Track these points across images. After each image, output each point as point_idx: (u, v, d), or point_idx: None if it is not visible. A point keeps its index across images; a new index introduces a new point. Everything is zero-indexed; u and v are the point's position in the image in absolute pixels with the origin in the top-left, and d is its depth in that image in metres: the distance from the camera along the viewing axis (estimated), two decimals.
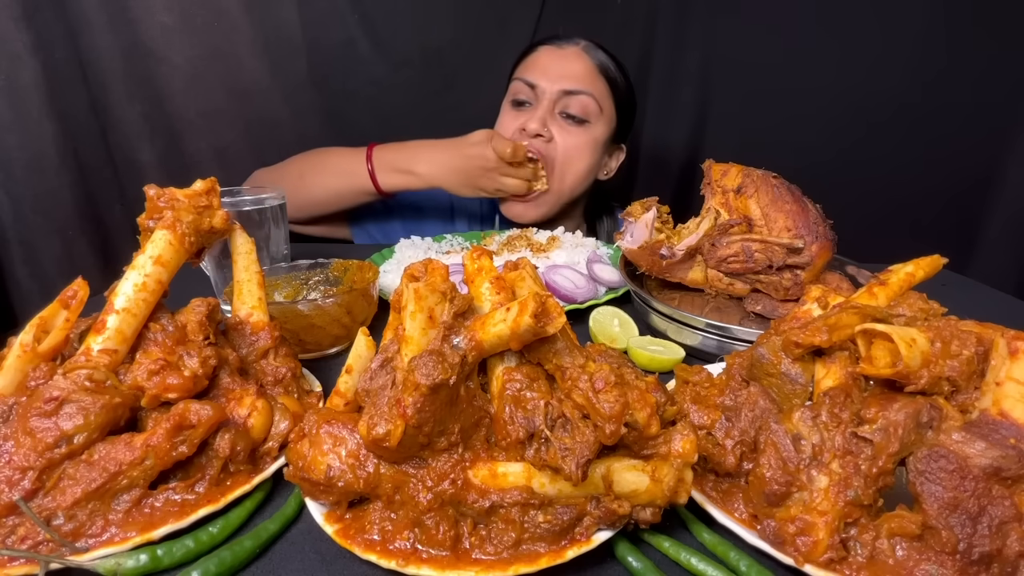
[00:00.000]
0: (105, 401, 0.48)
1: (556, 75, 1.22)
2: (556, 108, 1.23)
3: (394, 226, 1.39)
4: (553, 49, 1.26)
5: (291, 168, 1.27)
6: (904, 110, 1.62)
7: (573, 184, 1.28)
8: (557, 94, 1.21)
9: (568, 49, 1.25)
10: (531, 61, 1.27)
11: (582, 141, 1.24)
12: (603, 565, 0.47)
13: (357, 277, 0.85)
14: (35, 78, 1.22)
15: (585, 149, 1.25)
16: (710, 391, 0.56)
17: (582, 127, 1.24)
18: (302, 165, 1.27)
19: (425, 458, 0.46)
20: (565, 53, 1.24)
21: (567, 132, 1.23)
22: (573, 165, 1.25)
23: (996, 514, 0.41)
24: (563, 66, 1.23)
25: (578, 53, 1.25)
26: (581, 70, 1.23)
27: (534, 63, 1.26)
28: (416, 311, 0.47)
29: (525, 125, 1.21)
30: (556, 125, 1.23)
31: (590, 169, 1.29)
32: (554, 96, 1.21)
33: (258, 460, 0.54)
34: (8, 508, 0.45)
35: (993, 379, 0.46)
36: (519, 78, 1.26)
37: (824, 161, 1.64)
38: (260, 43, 1.43)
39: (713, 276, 0.88)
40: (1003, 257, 1.69)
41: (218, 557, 0.44)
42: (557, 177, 1.25)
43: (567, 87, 1.21)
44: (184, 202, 0.59)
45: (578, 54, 1.24)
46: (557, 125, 1.23)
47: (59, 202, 1.31)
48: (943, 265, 0.62)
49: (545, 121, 1.22)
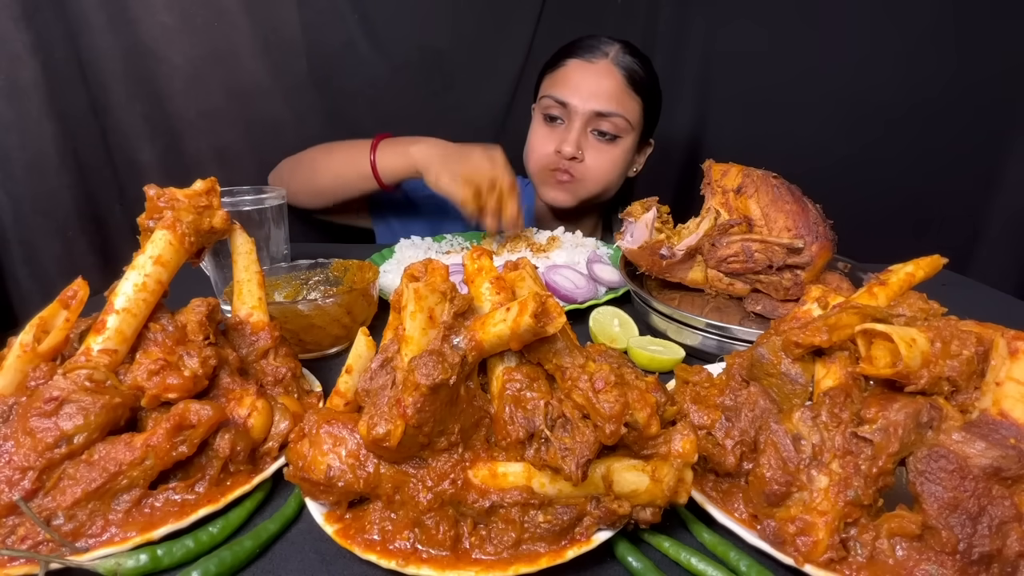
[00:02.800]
0: (105, 401, 0.48)
1: (588, 94, 1.21)
2: (588, 127, 1.24)
3: (417, 224, 1.39)
4: (583, 64, 1.23)
5: (308, 155, 1.31)
6: (904, 110, 1.62)
7: (603, 192, 1.33)
8: (589, 114, 1.22)
9: (599, 64, 1.22)
10: (561, 76, 1.25)
11: (614, 156, 1.27)
12: (603, 565, 0.47)
13: (357, 277, 0.85)
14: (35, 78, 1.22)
15: (617, 163, 1.29)
16: (710, 391, 0.56)
17: (613, 143, 1.26)
18: (316, 153, 1.29)
19: (425, 458, 0.46)
20: (596, 69, 1.22)
21: (599, 151, 1.26)
22: (604, 179, 1.29)
23: (996, 514, 0.41)
24: (595, 84, 1.22)
25: (608, 68, 1.22)
26: (612, 88, 1.22)
27: (564, 79, 1.24)
28: (416, 311, 0.47)
29: (560, 148, 1.23)
30: (588, 144, 1.26)
31: (620, 176, 1.33)
32: (586, 116, 1.22)
33: (258, 460, 0.54)
34: (8, 508, 0.45)
35: (993, 379, 0.46)
36: (549, 95, 1.24)
37: (824, 161, 1.64)
38: (260, 43, 1.43)
39: (713, 276, 0.88)
40: (1003, 257, 1.69)
41: (218, 557, 0.44)
42: (588, 189, 1.29)
43: (599, 108, 1.21)
44: (184, 202, 0.59)
45: (608, 69, 1.22)
46: (589, 144, 1.26)
47: (59, 202, 1.30)
48: (943, 265, 0.62)
49: (579, 143, 1.23)
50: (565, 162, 1.24)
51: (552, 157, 1.25)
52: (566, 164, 1.25)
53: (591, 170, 1.26)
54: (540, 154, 1.27)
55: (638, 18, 1.61)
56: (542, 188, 1.33)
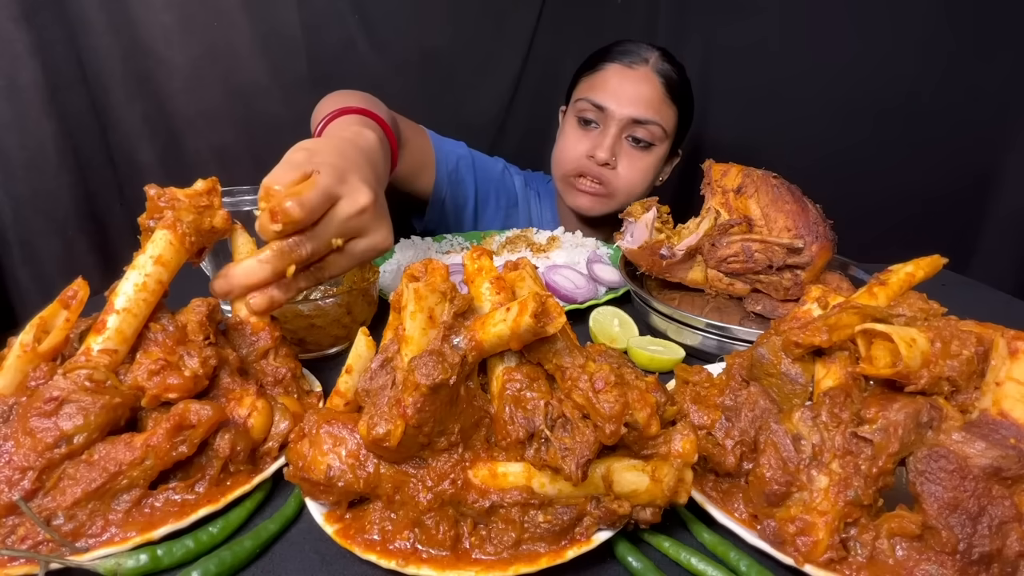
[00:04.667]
0: (105, 401, 0.48)
1: (626, 100, 1.20)
2: (624, 133, 1.23)
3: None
4: (623, 69, 1.22)
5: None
6: (905, 110, 1.62)
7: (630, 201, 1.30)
8: (626, 120, 1.21)
9: (639, 70, 1.22)
10: (599, 80, 1.24)
11: (646, 165, 1.26)
12: (603, 565, 0.47)
13: (357, 277, 0.85)
14: (35, 78, 1.22)
15: (648, 172, 1.28)
16: (710, 391, 0.56)
17: (647, 151, 1.25)
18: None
19: (425, 458, 0.46)
20: (636, 75, 1.21)
21: (632, 158, 1.25)
22: (633, 189, 1.28)
23: (996, 514, 0.41)
24: (634, 90, 1.21)
25: (648, 75, 1.21)
26: (651, 95, 1.21)
27: (603, 83, 1.23)
28: (416, 311, 0.47)
29: (594, 153, 1.22)
30: (622, 150, 1.24)
31: (649, 186, 1.32)
32: (623, 123, 1.21)
33: (258, 460, 0.54)
34: (8, 508, 0.45)
35: (993, 379, 0.46)
36: (586, 98, 1.23)
37: (824, 161, 1.64)
38: (260, 43, 1.43)
39: (713, 276, 0.88)
40: (1003, 257, 1.69)
41: (218, 557, 0.44)
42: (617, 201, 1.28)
43: (637, 116, 1.20)
44: (185, 202, 0.59)
45: (648, 76, 1.21)
46: (623, 150, 1.24)
47: (59, 202, 1.31)
48: (943, 265, 0.62)
49: (613, 149, 1.22)
50: (596, 168, 1.23)
51: (583, 160, 1.24)
52: (597, 170, 1.23)
53: (622, 179, 1.25)
54: (572, 155, 1.25)
55: (638, 18, 1.61)
56: (568, 193, 1.31)
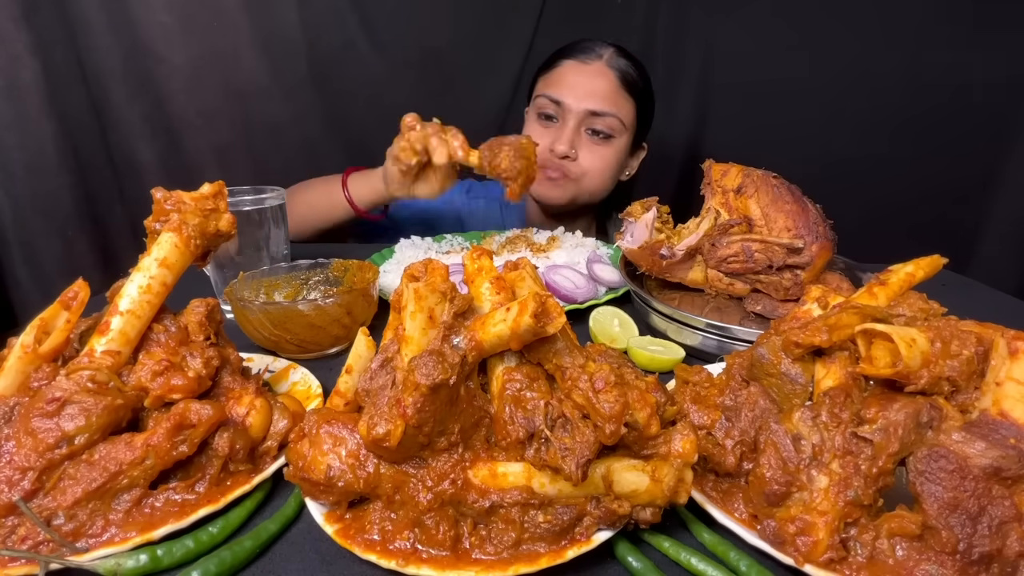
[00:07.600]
0: (107, 402, 0.48)
1: (582, 93, 1.24)
2: (582, 126, 1.26)
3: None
4: (578, 65, 1.26)
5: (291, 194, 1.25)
6: (905, 110, 1.62)
7: (596, 192, 1.34)
8: (583, 113, 1.24)
9: (593, 65, 1.25)
10: (555, 76, 1.28)
11: (607, 155, 1.29)
12: (603, 565, 0.47)
13: (357, 277, 0.85)
14: (35, 78, 1.22)
15: (610, 162, 1.31)
16: (710, 391, 0.56)
17: (607, 142, 1.29)
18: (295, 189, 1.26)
19: (425, 458, 0.46)
20: (590, 70, 1.25)
21: (592, 150, 1.28)
22: (597, 178, 1.31)
23: (996, 514, 0.41)
24: (588, 83, 1.24)
25: (602, 69, 1.25)
26: (606, 88, 1.25)
27: (559, 79, 1.27)
28: (416, 311, 0.47)
29: (553, 146, 1.25)
30: (582, 143, 1.27)
31: (613, 177, 1.35)
32: (580, 115, 1.24)
33: (257, 459, 0.54)
34: (8, 508, 0.45)
35: (993, 379, 0.46)
36: (544, 94, 1.27)
37: (824, 161, 1.64)
38: (260, 43, 1.43)
39: (713, 276, 0.88)
40: (1003, 257, 1.69)
41: (218, 557, 0.44)
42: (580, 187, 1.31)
43: (593, 108, 1.23)
44: (191, 205, 0.60)
45: (602, 71, 1.25)
46: (583, 143, 1.28)
47: (59, 202, 1.31)
48: (943, 265, 0.62)
49: (573, 142, 1.26)
50: (557, 161, 1.26)
51: (545, 154, 1.26)
52: (558, 163, 1.26)
53: (584, 168, 1.28)
54: None
55: (637, 18, 1.61)
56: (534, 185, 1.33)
